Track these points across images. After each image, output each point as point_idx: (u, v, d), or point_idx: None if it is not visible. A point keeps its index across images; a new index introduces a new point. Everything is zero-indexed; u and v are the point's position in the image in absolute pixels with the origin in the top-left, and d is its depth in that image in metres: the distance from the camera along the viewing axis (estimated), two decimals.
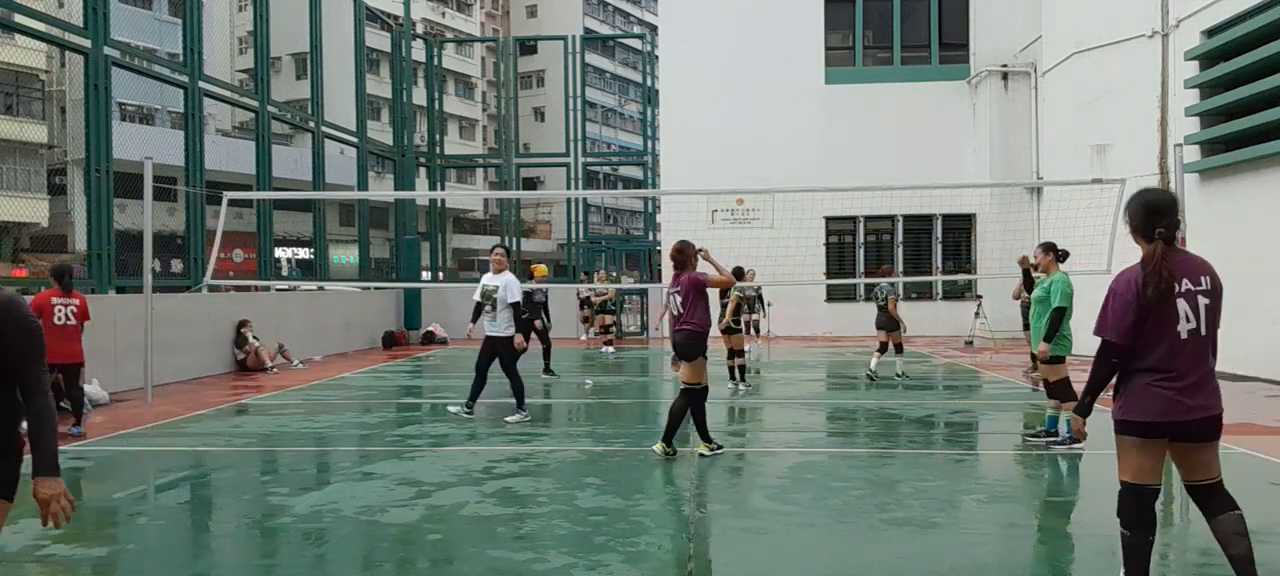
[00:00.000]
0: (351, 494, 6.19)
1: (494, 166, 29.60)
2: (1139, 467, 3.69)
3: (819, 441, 8.69)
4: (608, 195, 69.56)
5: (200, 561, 4.93)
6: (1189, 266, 3.63)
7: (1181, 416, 3.59)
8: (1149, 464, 3.68)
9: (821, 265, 21.41)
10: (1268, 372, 11.81)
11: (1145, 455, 3.67)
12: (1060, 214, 14.16)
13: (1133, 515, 3.69)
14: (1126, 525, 3.71)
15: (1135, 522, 3.68)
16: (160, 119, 30.48)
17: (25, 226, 29.42)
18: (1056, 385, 7.74)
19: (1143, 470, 3.69)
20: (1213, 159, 13.45)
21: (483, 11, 65.61)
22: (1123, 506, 3.73)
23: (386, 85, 25.68)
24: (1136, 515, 3.68)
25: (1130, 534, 3.69)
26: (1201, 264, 3.68)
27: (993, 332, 18.71)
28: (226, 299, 15.85)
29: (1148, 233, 3.69)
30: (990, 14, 21.80)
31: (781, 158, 21.32)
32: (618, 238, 53.51)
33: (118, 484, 6.75)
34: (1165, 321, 3.59)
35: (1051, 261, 7.92)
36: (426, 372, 14.99)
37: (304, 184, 18.97)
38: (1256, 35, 12.50)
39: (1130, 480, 3.71)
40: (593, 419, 10.28)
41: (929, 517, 5.54)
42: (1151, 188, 3.90)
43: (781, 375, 14.21)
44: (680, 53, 22.71)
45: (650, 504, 5.92)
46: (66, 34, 12.39)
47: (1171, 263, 3.59)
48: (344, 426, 9.37)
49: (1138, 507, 3.68)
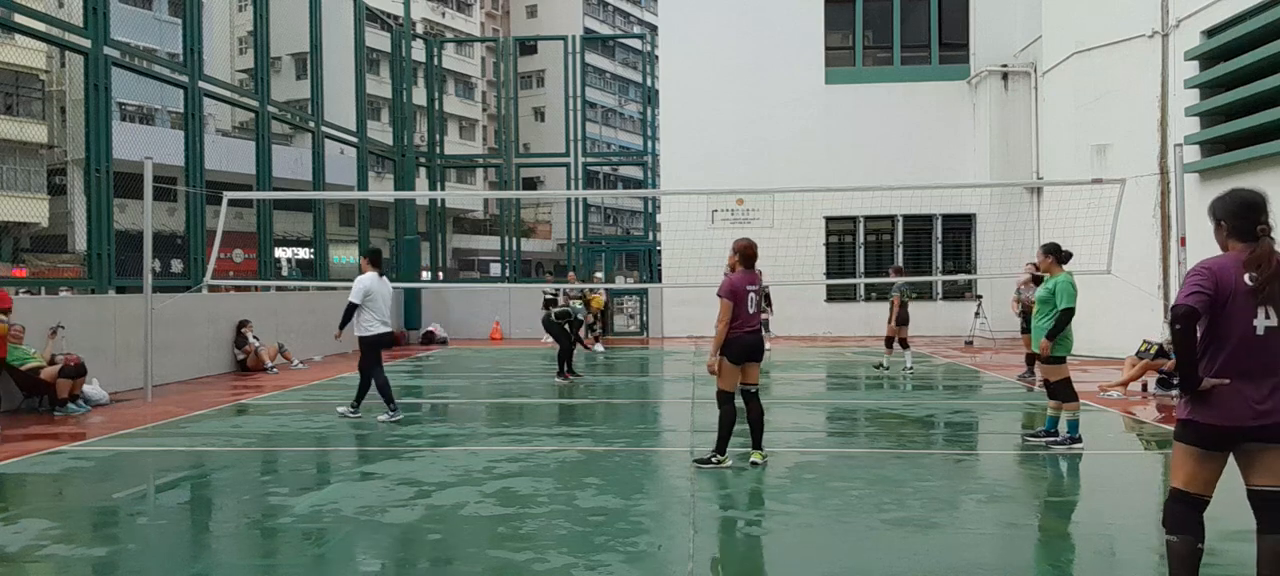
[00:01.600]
0: (351, 494, 6.20)
1: (494, 166, 29.59)
2: (1192, 476, 3.52)
3: (819, 441, 8.70)
4: (608, 195, 69.59)
5: (200, 561, 4.93)
6: None
7: (1252, 421, 3.41)
8: (1205, 474, 3.51)
9: (821, 265, 21.42)
10: None
11: (1203, 465, 3.51)
12: (1060, 214, 14.16)
13: (1180, 521, 3.52)
14: (1171, 531, 3.53)
15: (1181, 527, 3.50)
16: (160, 119, 30.46)
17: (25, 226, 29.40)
18: (1057, 385, 7.74)
19: (1196, 479, 3.52)
20: (1213, 159, 13.45)
21: (483, 11, 65.61)
22: (1170, 514, 3.56)
23: (386, 85, 25.68)
24: (1183, 521, 3.50)
25: (1177, 540, 3.50)
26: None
27: (993, 333, 18.72)
28: (226, 299, 15.85)
29: (1246, 232, 3.52)
30: (990, 14, 21.81)
31: (781, 158, 21.34)
32: (618, 237, 53.55)
33: (118, 484, 6.75)
34: (1244, 315, 3.42)
35: (1052, 263, 7.92)
36: (426, 372, 14.99)
37: (304, 184, 18.97)
38: (1256, 35, 12.50)
39: (1179, 486, 3.55)
40: (593, 419, 10.27)
41: (929, 517, 5.55)
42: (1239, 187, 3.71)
43: (781, 375, 14.21)
44: (680, 53, 22.72)
45: (650, 504, 5.92)
46: (66, 34, 12.38)
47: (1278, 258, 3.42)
48: (344, 426, 9.37)
49: (1184, 515, 3.51)
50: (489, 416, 10.30)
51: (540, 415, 10.31)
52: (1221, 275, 3.46)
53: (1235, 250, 3.55)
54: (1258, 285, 3.40)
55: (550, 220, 54.56)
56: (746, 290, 6.85)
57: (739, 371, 6.92)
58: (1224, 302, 3.43)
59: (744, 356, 6.90)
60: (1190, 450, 3.53)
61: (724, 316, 6.76)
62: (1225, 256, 3.55)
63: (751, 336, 6.91)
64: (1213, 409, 3.45)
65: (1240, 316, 3.43)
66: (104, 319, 11.97)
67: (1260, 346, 3.42)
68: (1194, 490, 3.52)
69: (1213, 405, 3.45)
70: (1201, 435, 3.50)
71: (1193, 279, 3.50)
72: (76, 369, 10.28)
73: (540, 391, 12.31)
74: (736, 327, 6.81)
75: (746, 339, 6.88)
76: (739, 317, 6.79)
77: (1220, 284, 3.44)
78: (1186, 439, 3.54)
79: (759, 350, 6.98)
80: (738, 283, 6.85)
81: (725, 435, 6.90)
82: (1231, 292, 3.44)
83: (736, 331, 6.81)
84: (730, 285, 6.84)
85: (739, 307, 6.79)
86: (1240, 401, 3.42)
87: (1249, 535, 3.65)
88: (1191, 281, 3.49)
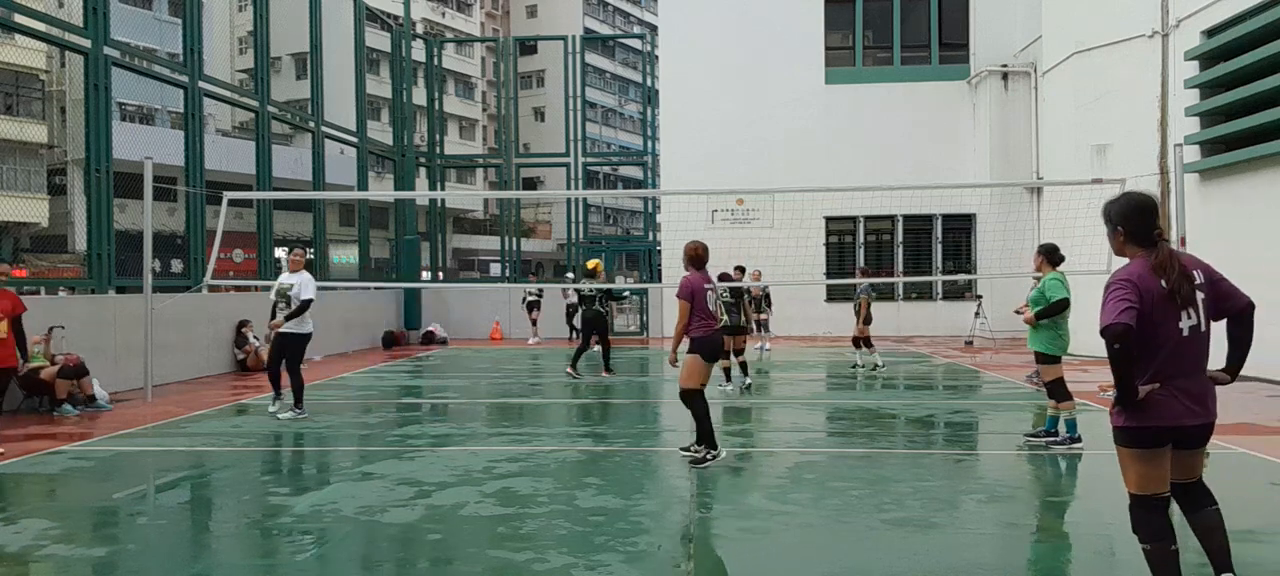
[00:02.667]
0: (351, 494, 6.19)
1: (494, 166, 29.60)
2: (1145, 476, 3.52)
3: (819, 441, 8.70)
4: (608, 195, 69.57)
5: (200, 561, 4.93)
6: (1188, 262, 3.54)
7: (1190, 421, 3.45)
8: (1157, 470, 3.52)
9: (821, 265, 21.42)
10: (1268, 372, 11.80)
11: (1151, 464, 3.51)
12: (1060, 214, 14.14)
13: (1150, 528, 3.51)
14: (1144, 539, 3.52)
15: (1154, 535, 3.50)
16: (160, 119, 30.44)
17: (25, 226, 29.39)
18: (1052, 385, 7.75)
19: (1149, 479, 3.52)
20: (1213, 159, 13.45)
21: (483, 11, 65.61)
22: (1138, 521, 3.55)
23: (386, 85, 25.68)
24: (1153, 527, 3.51)
25: (1152, 547, 3.50)
26: (1194, 259, 3.59)
27: (993, 333, 18.72)
28: (226, 299, 15.85)
29: (1144, 237, 3.56)
30: (990, 14, 21.81)
31: (781, 158, 21.34)
32: (618, 237, 53.55)
33: (118, 484, 6.75)
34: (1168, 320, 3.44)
35: (1042, 261, 7.93)
36: (426, 373, 14.99)
37: (304, 184, 18.97)
38: (1256, 35, 12.50)
39: (1138, 491, 3.54)
40: (593, 419, 10.27)
41: (929, 517, 5.55)
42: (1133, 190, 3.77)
43: (781, 375, 14.21)
44: (680, 53, 22.72)
45: (650, 504, 5.92)
46: (66, 34, 12.39)
47: (1179, 260, 3.47)
48: (344, 426, 9.37)
49: (1151, 519, 3.51)
50: (489, 416, 10.30)
51: (540, 415, 10.31)
52: (1141, 283, 3.46)
53: (1135, 255, 3.58)
54: (1171, 289, 3.43)
55: (550, 220, 54.55)
56: (705, 290, 7.05)
57: (708, 370, 7.10)
58: (1150, 311, 3.44)
59: (714, 355, 7.15)
60: (1135, 453, 3.53)
61: (682, 317, 6.98)
62: (1135, 264, 3.55)
63: (717, 335, 7.18)
64: (1151, 413, 3.46)
65: (1166, 321, 3.45)
66: (104, 319, 11.97)
67: (1188, 346, 3.47)
68: (1151, 490, 3.52)
69: (1151, 409, 3.45)
70: (1142, 436, 3.50)
71: (1118, 293, 3.44)
72: (77, 369, 10.29)
73: (540, 391, 12.32)
74: (706, 327, 6.99)
75: (715, 337, 7.15)
76: (701, 317, 6.95)
77: (1143, 293, 3.44)
78: (1129, 443, 3.54)
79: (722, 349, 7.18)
80: (696, 283, 7.02)
81: (707, 428, 6.99)
82: (1154, 299, 3.44)
83: (707, 330, 7.00)
84: (689, 286, 7.00)
85: (699, 307, 6.96)
86: (1178, 402, 3.45)
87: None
88: (1116, 295, 3.44)
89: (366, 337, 19.89)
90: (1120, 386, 3.44)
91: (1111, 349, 3.38)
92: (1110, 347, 3.38)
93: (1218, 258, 4.13)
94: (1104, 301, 3.49)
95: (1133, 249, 3.60)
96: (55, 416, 9.92)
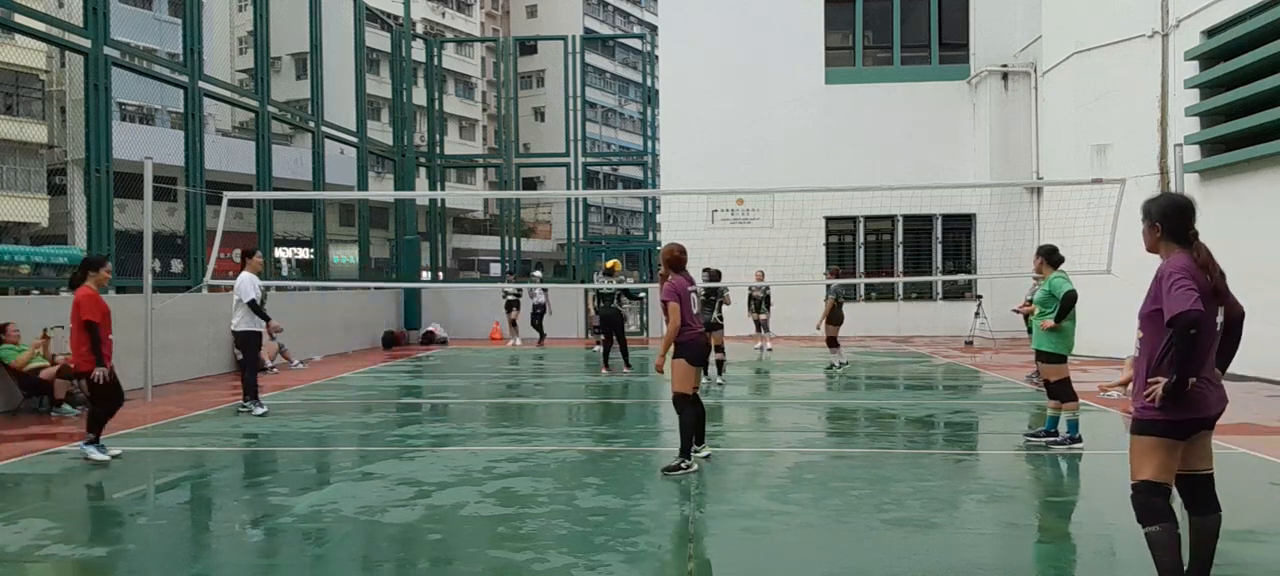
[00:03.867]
0: (351, 494, 6.19)
1: (494, 166, 29.60)
2: (1164, 465, 3.63)
3: (819, 441, 8.70)
4: (608, 195, 69.55)
5: (200, 561, 4.93)
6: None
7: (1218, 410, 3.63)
8: (1174, 461, 3.65)
9: (821, 265, 21.40)
10: (1268, 372, 11.81)
11: (1173, 454, 3.64)
12: (1060, 214, 14.15)
13: (1159, 512, 3.62)
14: (1152, 522, 3.63)
15: (1162, 517, 3.61)
16: (160, 119, 30.45)
17: (25, 226, 29.39)
18: (1057, 385, 7.73)
19: (1168, 467, 3.64)
20: (1213, 159, 13.45)
21: (483, 11, 65.61)
22: (1148, 508, 3.65)
23: (386, 85, 25.68)
24: (1161, 510, 3.62)
25: (1158, 529, 3.61)
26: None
27: (993, 333, 18.72)
28: (226, 299, 15.80)
29: (1181, 235, 3.70)
30: (990, 14, 21.80)
31: (781, 158, 21.33)
32: (618, 237, 53.55)
33: (118, 484, 6.74)
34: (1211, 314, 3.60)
35: (1042, 262, 7.92)
36: (426, 372, 14.99)
37: (304, 184, 18.96)
38: (1256, 35, 12.50)
39: (1152, 477, 3.65)
40: (593, 419, 10.28)
41: (929, 517, 5.54)
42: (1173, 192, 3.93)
43: (781, 375, 14.21)
44: (680, 53, 22.71)
45: (650, 504, 5.92)
46: (66, 34, 12.38)
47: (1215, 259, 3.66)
48: (344, 426, 9.37)
49: (1160, 504, 3.63)
50: (489, 416, 10.30)
51: (540, 415, 10.31)
52: (1197, 275, 3.59)
53: (1171, 252, 3.69)
54: (1214, 286, 3.59)
55: (550, 220, 54.56)
56: (689, 292, 6.99)
57: (698, 373, 7.06)
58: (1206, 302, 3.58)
59: (701, 357, 7.07)
60: (1163, 443, 3.63)
61: (674, 318, 6.79)
62: (1180, 258, 3.66)
63: (703, 337, 7.09)
64: (1192, 405, 3.57)
65: (1210, 315, 3.60)
66: None
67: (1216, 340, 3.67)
68: (1164, 479, 3.64)
69: (1192, 402, 3.57)
70: (1179, 428, 3.61)
71: (1183, 282, 3.54)
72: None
73: (540, 391, 12.31)
74: (691, 331, 6.90)
75: (701, 340, 7.05)
76: (686, 321, 6.87)
77: (1200, 284, 3.57)
78: (1161, 433, 3.63)
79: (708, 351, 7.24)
80: (681, 286, 6.92)
81: (690, 438, 6.88)
82: (1204, 293, 3.58)
83: (692, 334, 6.92)
84: (675, 288, 6.85)
85: (685, 310, 6.87)
86: (1212, 393, 3.62)
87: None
88: (1183, 285, 3.53)
89: (366, 337, 19.89)
90: (1181, 375, 3.50)
91: (1186, 336, 3.45)
92: (1185, 334, 3.45)
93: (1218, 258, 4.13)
94: (1167, 290, 3.56)
95: (1167, 246, 3.74)
96: (55, 416, 9.92)
